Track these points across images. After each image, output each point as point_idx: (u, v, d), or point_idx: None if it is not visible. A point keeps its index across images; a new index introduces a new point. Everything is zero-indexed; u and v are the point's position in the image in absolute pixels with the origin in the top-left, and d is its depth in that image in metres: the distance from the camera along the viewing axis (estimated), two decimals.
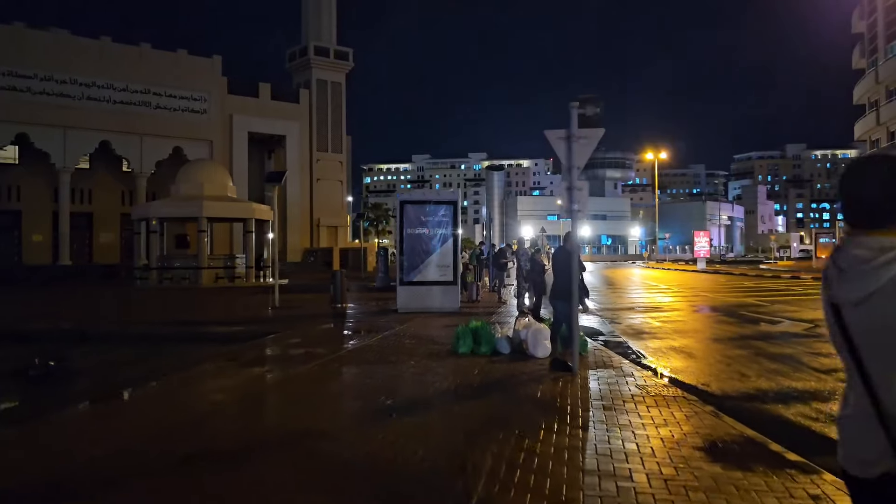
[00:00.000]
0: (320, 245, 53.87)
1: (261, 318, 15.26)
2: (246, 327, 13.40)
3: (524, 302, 16.07)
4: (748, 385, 8.07)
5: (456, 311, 15.95)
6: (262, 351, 10.09)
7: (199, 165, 31.88)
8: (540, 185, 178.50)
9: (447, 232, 15.92)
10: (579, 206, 8.10)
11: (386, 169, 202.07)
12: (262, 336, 11.70)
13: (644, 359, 10.06)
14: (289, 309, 17.42)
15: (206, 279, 28.83)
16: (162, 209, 30.21)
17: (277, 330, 12.56)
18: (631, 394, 7.04)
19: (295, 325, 13.75)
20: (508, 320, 14.39)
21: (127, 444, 5.39)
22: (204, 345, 11.17)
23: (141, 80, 43.54)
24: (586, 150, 8.14)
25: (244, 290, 25.43)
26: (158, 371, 8.67)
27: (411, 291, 15.88)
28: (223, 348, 10.34)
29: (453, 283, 16.00)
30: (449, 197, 16.44)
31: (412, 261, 15.87)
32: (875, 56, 56.58)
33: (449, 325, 13.20)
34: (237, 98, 49.03)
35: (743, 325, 14.07)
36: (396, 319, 14.35)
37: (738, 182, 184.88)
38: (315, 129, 55.04)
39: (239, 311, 17.72)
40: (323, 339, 11.41)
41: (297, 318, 15.23)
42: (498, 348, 9.65)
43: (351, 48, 57.81)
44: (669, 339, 12.03)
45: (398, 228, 15.95)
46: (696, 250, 48.01)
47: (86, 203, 45.45)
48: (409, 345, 10.54)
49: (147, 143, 43.96)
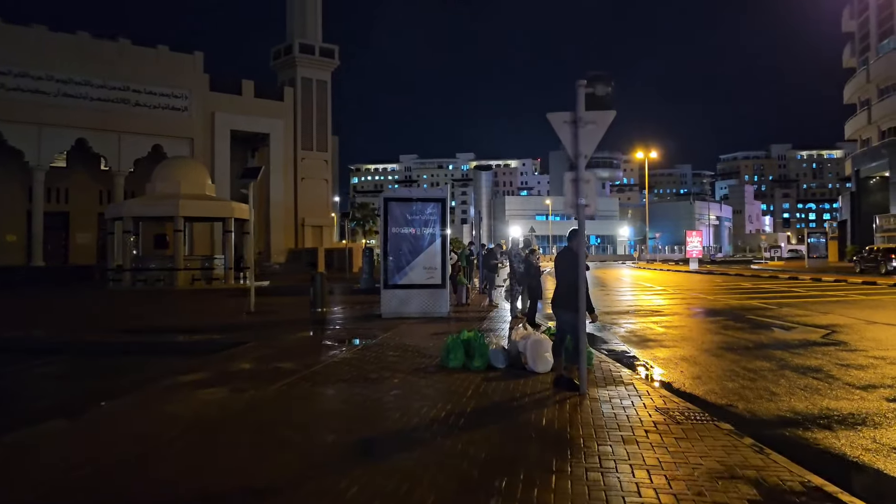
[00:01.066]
0: (305, 245, 52.59)
1: (233, 325, 14.08)
2: (213, 336, 12.23)
3: (517, 306, 14.99)
4: (781, 406, 7.02)
5: (445, 316, 14.86)
6: (224, 366, 8.92)
7: (176, 163, 30.58)
8: (527, 185, 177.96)
9: (435, 231, 14.82)
10: (587, 200, 7.02)
11: (374, 169, 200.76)
12: (229, 347, 10.54)
13: (655, 372, 9.00)
14: (265, 314, 16.25)
15: (182, 281, 27.56)
16: (136, 208, 28.87)
17: (248, 339, 11.40)
18: (652, 420, 5.95)
19: (268, 333, 12.60)
20: (501, 326, 13.31)
21: None
22: (162, 357, 10.02)
23: (120, 76, 42.12)
24: (595, 135, 7.06)
25: (221, 293, 24.19)
26: (88, 394, 7.48)
27: (396, 295, 14.76)
28: (180, 363, 9.16)
29: (441, 287, 14.90)
30: (436, 194, 15.33)
31: (397, 262, 14.75)
32: (866, 55, 56.05)
33: (437, 332, 12.11)
34: (219, 95, 47.66)
35: (755, 331, 13.05)
36: (380, 326, 13.23)
37: (724, 182, 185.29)
38: (300, 128, 53.76)
39: (211, 317, 16.52)
40: (296, 351, 10.26)
41: (273, 324, 14.06)
42: (493, 362, 8.56)
43: (336, 45, 56.55)
44: (678, 348, 10.98)
45: (382, 228, 14.82)
46: (689, 250, 47.17)
47: (62, 202, 43.99)
48: (392, 358, 9.42)
49: (125, 140, 42.53)
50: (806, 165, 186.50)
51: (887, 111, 51.83)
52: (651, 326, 13.99)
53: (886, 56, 51.45)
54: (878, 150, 52.08)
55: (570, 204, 7.07)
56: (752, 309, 17.42)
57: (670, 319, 15.56)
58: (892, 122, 51.89)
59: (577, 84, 7.06)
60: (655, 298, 22.08)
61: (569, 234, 7.53)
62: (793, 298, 20.51)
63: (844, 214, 61.10)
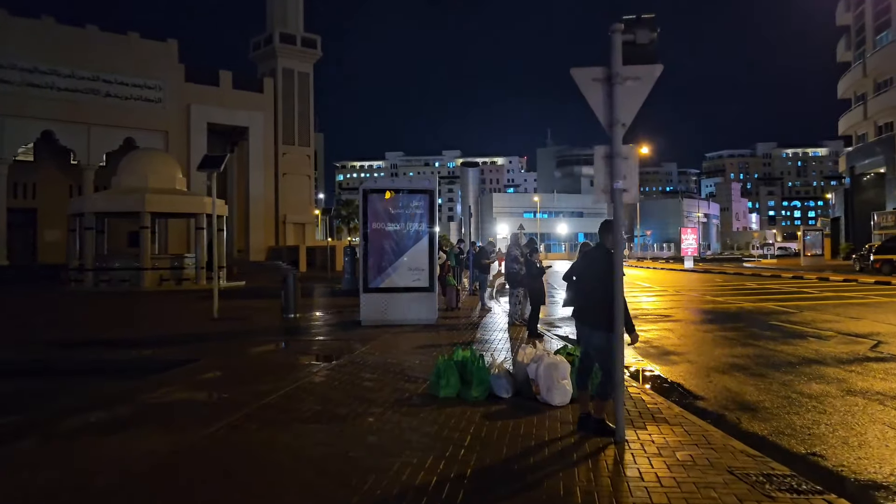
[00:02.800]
0: (287, 243, 50.60)
1: (189, 335, 12.22)
2: (162, 350, 10.38)
3: (517, 311, 13.24)
4: (882, 456, 5.31)
5: (432, 323, 13.10)
6: (156, 395, 7.09)
7: (143, 155, 28.54)
8: (514, 183, 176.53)
9: (422, 227, 13.03)
10: (626, 182, 5.26)
11: (359, 166, 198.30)
12: (175, 365, 8.70)
13: (696, 400, 7.28)
14: (230, 321, 14.38)
15: (149, 282, 25.57)
16: (99, 203, 26.80)
17: (200, 355, 9.56)
18: (737, 497, 4.18)
19: (227, 346, 10.77)
20: (497, 336, 11.55)
21: None
22: (85, 380, 8.18)
23: (89, 65, 39.94)
24: (636, 95, 5.31)
25: (190, 295, 22.25)
26: None
27: (377, 300, 12.96)
28: (103, 389, 7.34)
29: (429, 290, 13.11)
30: (423, 185, 13.52)
31: (379, 262, 12.95)
32: (862, 48, 54.78)
33: (424, 345, 10.35)
34: (195, 86, 45.52)
35: (788, 341, 11.37)
36: (358, 337, 11.43)
37: (710, 180, 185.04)
38: (281, 121, 51.70)
39: (169, 324, 14.62)
40: (252, 373, 8.43)
41: (235, 334, 12.22)
42: (495, 391, 6.80)
43: (319, 36, 54.51)
44: (709, 365, 9.27)
45: (362, 223, 13.00)
46: (683, 248, 45.68)
47: (29, 198, 41.79)
48: (368, 383, 7.62)
49: (95, 133, 40.38)
50: (791, 163, 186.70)
51: (884, 106, 50.54)
52: (666, 335, 12.28)
53: (884, 49, 50.14)
54: (873, 146, 50.89)
55: (603, 188, 5.31)
56: (771, 313, 15.78)
57: (685, 327, 13.87)
58: (889, 117, 50.64)
59: (611, 30, 5.31)
60: (659, 301, 20.41)
61: (600, 228, 5.77)
62: (809, 300, 18.91)
63: (837, 211, 59.90)
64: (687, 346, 11.08)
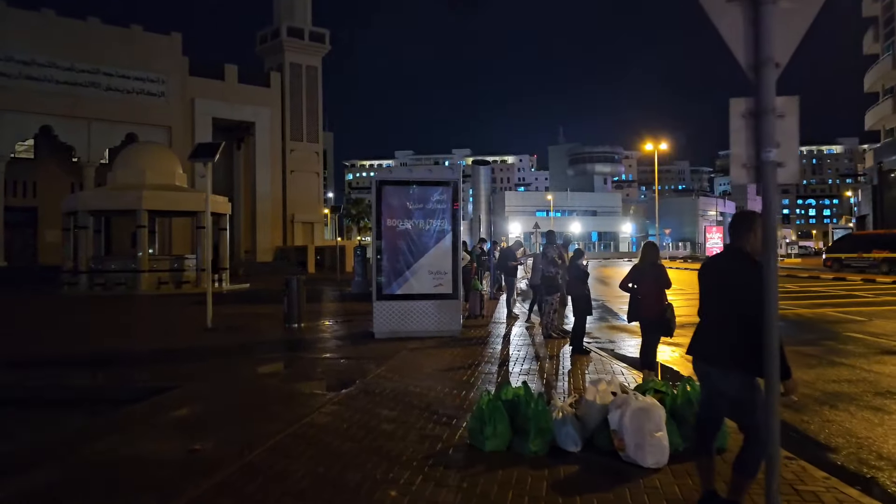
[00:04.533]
0: (295, 243, 48.99)
1: (175, 350, 10.52)
2: (138, 370, 8.69)
3: (552, 321, 11.46)
4: None
5: (457, 335, 11.36)
6: (104, 447, 5.34)
7: (140, 149, 26.94)
8: (525, 182, 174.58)
9: (444, 224, 11.29)
10: (781, 153, 3.48)
11: (368, 165, 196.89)
12: (147, 394, 6.97)
13: (828, 452, 5.48)
14: (226, 331, 12.69)
15: (147, 285, 23.93)
16: (92, 200, 25.17)
17: (182, 378, 7.85)
18: None
19: (216, 365, 9.05)
20: (531, 352, 9.78)
21: None
22: (23, 415, 6.47)
23: (89, 58, 38.44)
24: (796, 22, 3.53)
25: (188, 299, 20.56)
26: None
27: (393, 309, 11.21)
28: (42, 432, 5.64)
29: (452, 297, 11.36)
30: (445, 176, 11.75)
31: (395, 265, 11.21)
32: (891, 39, 52.62)
33: (452, 365, 8.61)
34: (200, 80, 43.97)
35: (883, 359, 9.54)
36: (371, 353, 9.69)
37: (723, 178, 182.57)
38: (288, 117, 50.07)
39: (155, 335, 12.91)
40: (238, 409, 6.71)
41: (228, 350, 10.51)
42: (560, 442, 5.04)
43: (327, 30, 52.78)
44: (807, 392, 7.45)
45: (375, 220, 11.26)
46: (709, 248, 43.73)
47: (29, 196, 40.34)
48: (388, 424, 5.87)
49: (96, 128, 38.87)
50: (805, 161, 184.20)
51: None
52: None
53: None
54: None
55: (745, 161, 3.52)
56: (836, 322, 13.93)
57: None
58: None
59: None
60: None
61: (734, 223, 4.01)
62: (869, 306, 17.01)
63: (864, 209, 57.72)
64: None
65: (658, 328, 7.48)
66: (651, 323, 7.51)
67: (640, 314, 7.55)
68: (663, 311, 7.42)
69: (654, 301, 7.45)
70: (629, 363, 8.98)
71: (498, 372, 8.37)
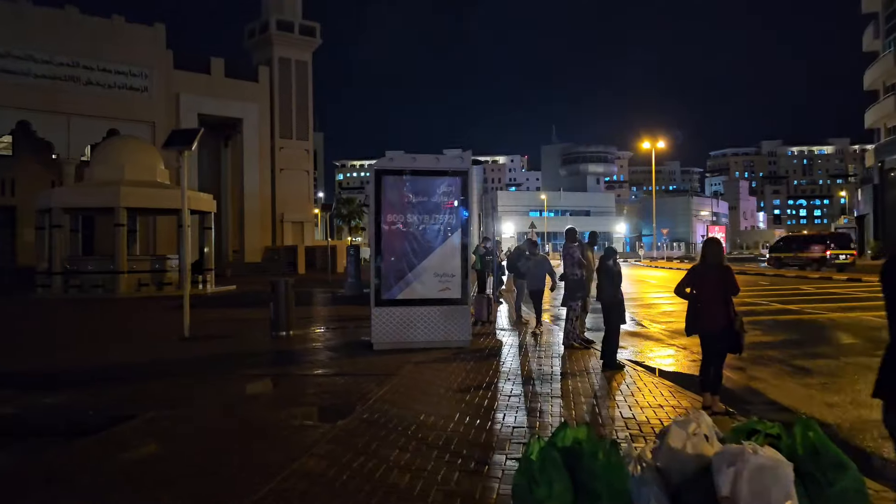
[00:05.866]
0: (284, 243, 47.48)
1: (144, 365, 9.12)
2: (96, 391, 7.27)
3: (574, 329, 10.13)
4: None
5: (466, 345, 10.02)
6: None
7: (119, 143, 25.40)
8: (516, 182, 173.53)
9: (452, 220, 9.94)
10: None
11: (359, 165, 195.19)
12: (98, 427, 5.57)
13: None
14: (204, 341, 11.28)
15: (125, 287, 22.43)
16: (67, 197, 23.61)
17: (145, 402, 6.47)
18: None
19: (188, 384, 7.66)
20: (556, 367, 8.43)
21: None
22: None
23: (68, 50, 36.82)
24: None
25: (169, 303, 19.07)
26: None
27: (394, 316, 9.84)
28: None
29: (461, 302, 10.00)
30: (454, 165, 10.33)
31: (396, 266, 9.85)
32: (893, 35, 51.75)
33: (468, 384, 7.27)
34: (185, 74, 42.40)
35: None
36: (371, 368, 8.33)
37: (715, 178, 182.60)
38: (278, 113, 48.55)
39: (125, 346, 11.43)
40: (206, 450, 5.31)
41: (204, 364, 9.11)
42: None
43: (318, 23, 51.29)
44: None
45: (374, 215, 9.88)
46: None
47: (7, 195, 38.69)
48: (398, 474, 4.50)
49: (76, 124, 37.24)
50: (797, 162, 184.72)
51: None
52: (837, 376, 9.12)
53: None
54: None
55: None
56: (878, 328, 12.66)
57: (799, 347, 10.77)
58: None
59: None
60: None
61: None
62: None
63: (865, 209, 56.90)
64: (843, 387, 7.99)
65: (724, 342, 6.17)
66: (715, 336, 6.20)
67: (702, 325, 6.24)
68: (731, 322, 6.11)
69: (718, 309, 6.14)
70: (675, 381, 7.65)
71: (524, 394, 7.03)
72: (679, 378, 7.92)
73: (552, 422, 5.84)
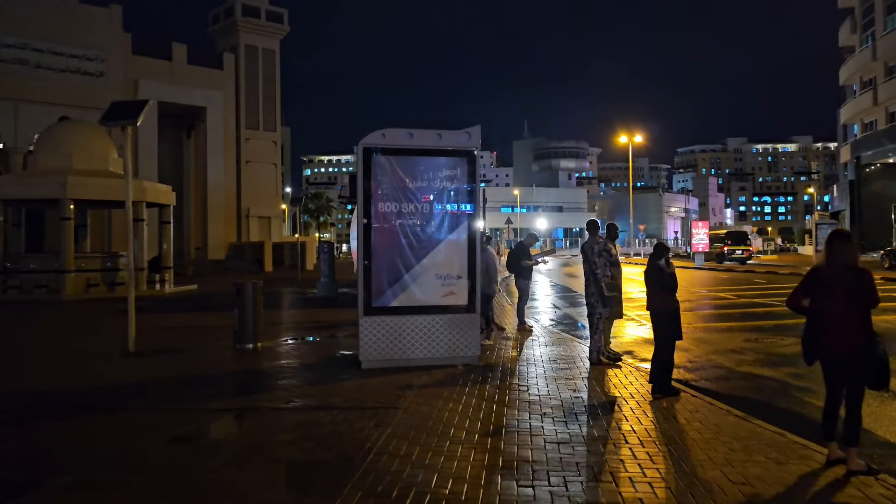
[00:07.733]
0: (250, 239, 45.19)
1: (71, 394, 7.17)
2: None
3: (599, 342, 8.41)
4: None
5: (474, 361, 8.25)
6: None
7: (67, 129, 23.02)
8: (485, 178, 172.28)
9: (457, 210, 8.16)
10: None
11: (327, 161, 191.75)
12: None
13: None
14: (153, 357, 9.33)
15: (72, 288, 20.17)
16: (6, 188, 21.16)
17: (56, 458, 4.59)
18: None
19: (123, 428, 5.76)
20: (604, 393, 6.68)
21: None
22: None
23: (15, 32, 34.18)
24: None
25: (119, 305, 16.90)
26: None
27: (387, 326, 8.02)
28: None
29: (468, 310, 8.22)
30: (459, 142, 8.48)
31: (389, 266, 8.02)
32: (871, 30, 51.25)
33: (492, 426, 5.46)
34: (144, 59, 39.90)
35: None
36: (362, 399, 6.50)
37: (683, 175, 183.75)
38: (244, 103, 46.19)
39: (52, 365, 9.29)
40: None
41: (148, 392, 7.19)
42: None
43: (286, 10, 48.96)
44: None
45: (361, 203, 8.03)
46: (694, 244, 41.47)
47: None
48: None
49: (24, 111, 34.52)
50: (762, 159, 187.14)
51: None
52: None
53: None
54: (886, 133, 47.34)
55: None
56: None
57: None
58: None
59: None
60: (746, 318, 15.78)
61: None
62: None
63: (841, 204, 56.52)
64: None
65: (860, 371, 4.49)
66: (845, 362, 4.52)
67: (827, 347, 4.56)
68: (864, 344, 4.45)
69: (849, 327, 4.47)
70: (754, 413, 5.94)
71: (576, 439, 5.25)
72: (757, 409, 6.22)
73: (637, 491, 4.09)
